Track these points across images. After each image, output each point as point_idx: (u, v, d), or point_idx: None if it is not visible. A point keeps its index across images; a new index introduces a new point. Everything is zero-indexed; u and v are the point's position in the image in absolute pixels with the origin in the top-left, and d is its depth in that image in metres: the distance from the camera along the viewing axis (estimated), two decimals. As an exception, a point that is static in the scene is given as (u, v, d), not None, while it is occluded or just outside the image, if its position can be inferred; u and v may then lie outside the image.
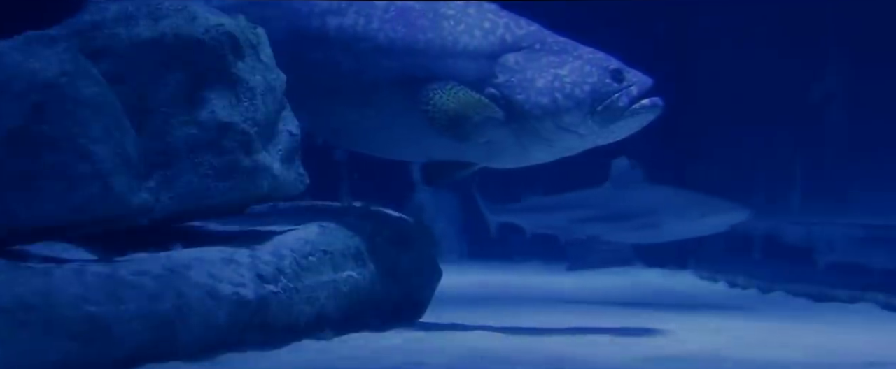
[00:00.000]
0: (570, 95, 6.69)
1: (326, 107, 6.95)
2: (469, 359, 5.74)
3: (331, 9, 6.92)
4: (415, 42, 6.81)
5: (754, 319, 8.08)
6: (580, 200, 11.47)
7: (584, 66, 6.77)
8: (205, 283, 5.50)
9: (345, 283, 6.43)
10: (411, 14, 6.86)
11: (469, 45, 6.79)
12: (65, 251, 5.80)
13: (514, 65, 6.75)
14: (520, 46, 6.81)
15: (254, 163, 6.07)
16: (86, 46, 5.79)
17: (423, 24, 6.83)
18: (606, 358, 5.92)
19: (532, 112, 6.70)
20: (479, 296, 9.91)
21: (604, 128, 6.77)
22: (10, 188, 5.36)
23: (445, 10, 6.87)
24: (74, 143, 5.40)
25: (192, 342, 5.39)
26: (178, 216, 6.07)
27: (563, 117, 6.70)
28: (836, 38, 13.06)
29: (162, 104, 5.93)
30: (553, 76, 6.73)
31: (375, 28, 6.84)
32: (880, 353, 6.37)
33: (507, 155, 6.96)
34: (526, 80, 6.72)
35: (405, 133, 6.92)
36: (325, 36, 6.91)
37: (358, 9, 6.89)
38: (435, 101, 6.66)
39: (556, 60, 6.78)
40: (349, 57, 6.86)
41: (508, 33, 6.82)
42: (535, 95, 6.70)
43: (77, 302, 4.97)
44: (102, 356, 5.02)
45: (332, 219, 6.79)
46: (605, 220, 11.23)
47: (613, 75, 6.75)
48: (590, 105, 6.70)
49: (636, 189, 11.24)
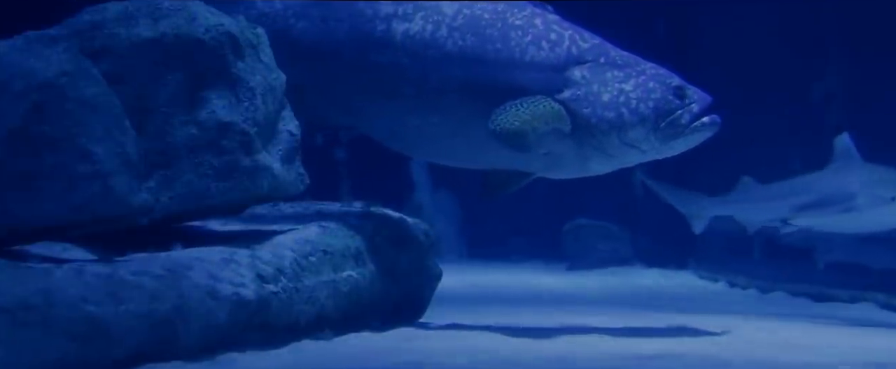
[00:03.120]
0: (635, 111, 6.70)
1: (388, 112, 6.93)
2: (469, 359, 5.74)
3: (397, 13, 6.89)
4: (484, 52, 6.78)
5: (754, 319, 8.08)
6: (805, 186, 9.55)
7: (648, 82, 6.78)
8: (205, 283, 5.50)
9: (345, 283, 6.43)
10: (480, 23, 6.83)
11: (536, 56, 6.77)
12: (65, 251, 5.80)
13: (580, 78, 6.74)
14: (585, 60, 6.80)
15: (254, 163, 6.07)
16: (86, 46, 5.79)
17: (492, 34, 6.80)
18: (606, 358, 5.92)
19: (599, 126, 6.70)
20: (479, 296, 9.92)
21: (664, 144, 6.80)
22: (10, 188, 5.36)
23: (513, 20, 6.84)
24: (74, 143, 5.40)
25: (192, 342, 5.39)
26: (178, 216, 6.07)
27: (627, 132, 6.71)
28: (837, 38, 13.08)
29: (162, 104, 5.93)
30: (618, 91, 6.73)
31: (444, 35, 6.82)
32: (880, 353, 6.37)
33: (567, 167, 6.97)
34: (592, 93, 6.72)
35: (467, 141, 6.89)
36: (390, 40, 6.86)
37: (425, 15, 6.86)
38: (507, 115, 6.61)
39: (621, 75, 6.78)
40: (416, 63, 6.82)
41: (574, 46, 6.81)
42: (602, 110, 6.70)
43: (77, 302, 4.97)
44: (102, 356, 5.02)
45: (332, 219, 6.79)
46: (828, 208, 9.24)
47: (675, 92, 6.79)
48: (654, 121, 6.72)
49: (862, 170, 9.20)
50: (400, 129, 7.00)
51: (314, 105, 6.97)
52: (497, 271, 13.41)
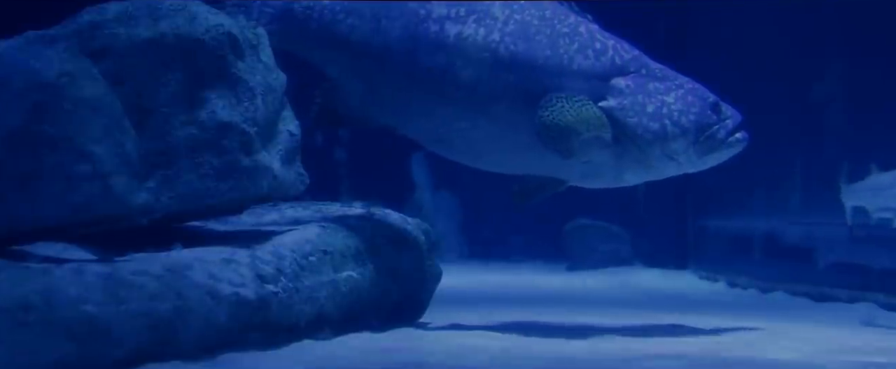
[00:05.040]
0: (677, 123, 6.80)
1: (436, 114, 6.95)
2: (469, 359, 5.74)
3: (449, 15, 6.91)
4: (534, 57, 6.82)
5: (754, 319, 8.07)
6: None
7: (687, 96, 6.89)
8: (205, 283, 5.50)
9: (345, 283, 6.43)
10: (530, 29, 6.87)
11: (583, 64, 6.83)
12: (65, 251, 5.81)
13: (624, 88, 6.81)
14: (627, 70, 6.88)
15: (254, 163, 6.07)
16: (86, 46, 5.79)
17: (542, 40, 6.85)
18: (607, 358, 5.92)
19: (643, 136, 6.77)
20: (479, 296, 9.92)
21: (700, 158, 6.90)
22: (10, 188, 5.36)
23: (560, 28, 6.90)
24: (74, 143, 5.41)
25: (192, 342, 5.39)
26: (178, 216, 6.07)
27: (669, 144, 6.80)
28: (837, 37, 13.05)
29: (162, 104, 5.93)
30: (661, 102, 6.82)
31: (496, 40, 6.85)
32: (880, 353, 6.37)
33: (603, 176, 7.02)
34: (637, 103, 6.80)
35: (511, 146, 6.93)
36: (443, 42, 6.88)
37: (477, 18, 6.89)
38: (555, 108, 6.68)
39: (661, 87, 6.88)
40: (468, 66, 6.85)
41: (617, 56, 6.89)
42: (647, 120, 6.77)
43: (77, 302, 4.97)
44: (102, 356, 5.02)
45: (332, 219, 6.80)
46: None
47: (713, 107, 6.89)
48: (694, 134, 6.83)
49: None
50: (446, 133, 7.02)
51: (360, 103, 7.00)
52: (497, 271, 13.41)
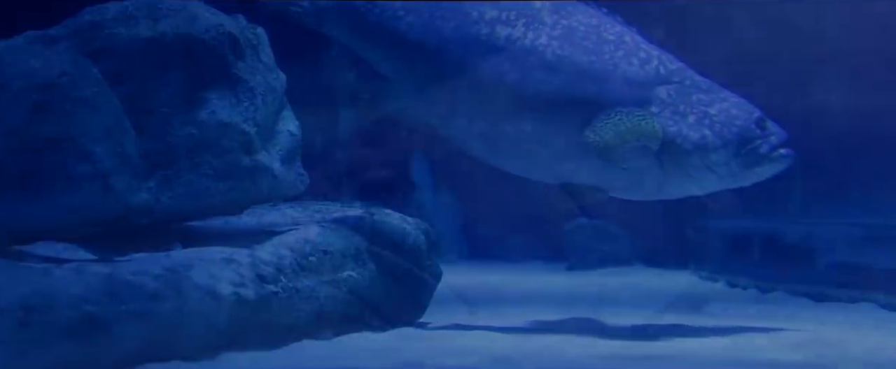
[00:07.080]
0: (719, 134, 6.81)
1: (483, 116, 6.94)
2: (469, 359, 5.74)
3: (500, 18, 6.92)
4: (580, 63, 6.83)
5: (754, 319, 8.07)
6: None
7: (731, 109, 6.90)
8: (205, 283, 5.50)
9: (345, 283, 6.43)
10: (577, 34, 6.90)
11: (627, 71, 6.84)
12: (65, 251, 5.81)
13: (667, 97, 6.84)
14: (670, 80, 6.90)
15: (254, 163, 6.08)
16: (86, 46, 5.80)
17: (588, 46, 6.87)
18: (606, 358, 5.92)
19: (683, 145, 6.78)
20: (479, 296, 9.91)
21: (741, 171, 6.90)
22: (10, 188, 5.37)
23: (606, 35, 6.93)
24: (74, 143, 5.41)
25: (192, 342, 5.39)
26: (178, 216, 6.08)
27: (710, 155, 6.80)
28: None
29: (162, 104, 5.94)
30: (703, 113, 6.84)
31: (544, 43, 6.86)
32: (880, 353, 6.38)
33: (644, 186, 7.01)
34: (678, 113, 6.82)
35: (553, 151, 6.92)
36: (493, 44, 6.90)
37: (526, 22, 6.90)
38: (612, 119, 6.69)
39: (705, 99, 6.90)
40: (516, 69, 6.86)
41: (661, 66, 6.92)
42: (687, 129, 6.79)
43: (77, 302, 4.97)
44: (102, 356, 5.02)
45: (332, 219, 6.79)
46: None
47: (757, 122, 6.91)
48: (736, 146, 6.84)
49: None
50: (491, 136, 7.00)
51: (408, 102, 7.01)
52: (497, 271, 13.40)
